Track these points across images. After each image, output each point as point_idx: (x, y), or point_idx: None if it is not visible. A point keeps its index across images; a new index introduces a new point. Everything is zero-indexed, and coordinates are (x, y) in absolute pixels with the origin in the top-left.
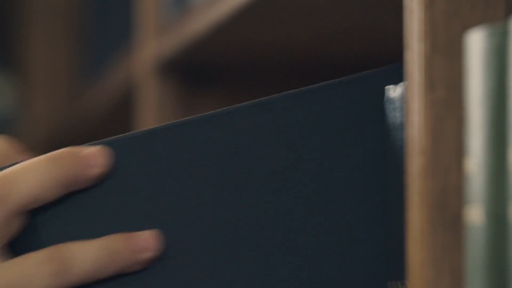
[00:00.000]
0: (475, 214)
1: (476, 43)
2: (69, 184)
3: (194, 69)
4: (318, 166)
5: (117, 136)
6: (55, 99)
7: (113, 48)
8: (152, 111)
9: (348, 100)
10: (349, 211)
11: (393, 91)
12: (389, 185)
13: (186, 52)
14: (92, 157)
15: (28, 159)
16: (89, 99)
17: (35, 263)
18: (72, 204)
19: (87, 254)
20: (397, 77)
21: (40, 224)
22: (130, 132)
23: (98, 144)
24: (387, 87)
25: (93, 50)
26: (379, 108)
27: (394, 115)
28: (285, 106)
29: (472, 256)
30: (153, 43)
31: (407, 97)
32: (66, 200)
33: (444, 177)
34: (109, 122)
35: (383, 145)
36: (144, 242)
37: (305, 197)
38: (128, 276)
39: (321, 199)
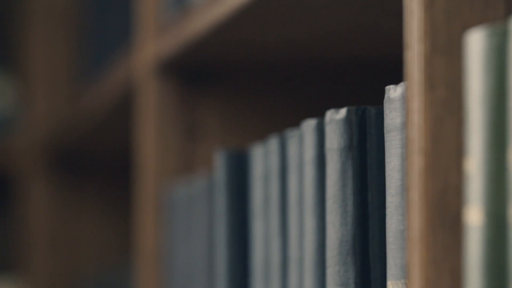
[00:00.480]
0: (475, 214)
1: (476, 43)
2: None
3: (194, 69)
4: None
5: None
6: (55, 99)
7: (113, 48)
8: (152, 111)
9: None
10: None
11: (393, 91)
12: None
13: (186, 52)
14: None
15: None
16: (89, 99)
17: None
18: None
19: None
20: None
21: None
22: None
23: None
24: (387, 87)
25: (93, 50)
26: None
27: (394, 115)
28: None
29: (472, 256)
30: (153, 43)
31: (407, 97)
32: None
33: (444, 177)
34: (109, 122)
35: None
36: None
37: None
38: None
39: None
